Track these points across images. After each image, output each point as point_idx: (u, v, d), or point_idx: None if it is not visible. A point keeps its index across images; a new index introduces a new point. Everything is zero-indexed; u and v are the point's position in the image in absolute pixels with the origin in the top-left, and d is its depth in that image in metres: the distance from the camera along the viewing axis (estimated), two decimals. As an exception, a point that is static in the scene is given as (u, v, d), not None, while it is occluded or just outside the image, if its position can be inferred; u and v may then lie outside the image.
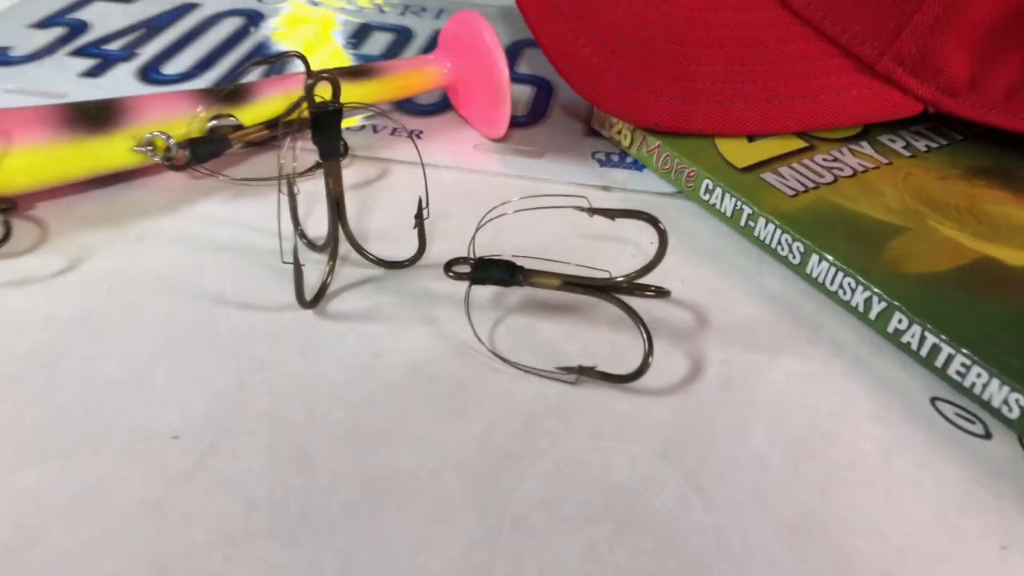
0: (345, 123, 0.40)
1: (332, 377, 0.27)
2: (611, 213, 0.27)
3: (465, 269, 0.29)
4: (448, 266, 0.29)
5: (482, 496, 0.24)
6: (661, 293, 0.28)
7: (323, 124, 0.28)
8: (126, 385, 0.26)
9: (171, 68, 0.44)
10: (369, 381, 0.27)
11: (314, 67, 0.34)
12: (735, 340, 0.29)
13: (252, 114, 0.36)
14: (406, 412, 0.26)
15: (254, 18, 0.50)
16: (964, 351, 0.27)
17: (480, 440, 0.25)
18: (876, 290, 0.29)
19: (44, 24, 0.48)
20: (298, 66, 0.44)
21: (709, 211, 0.35)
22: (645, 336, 0.27)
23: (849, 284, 0.30)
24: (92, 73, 0.44)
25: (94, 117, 0.33)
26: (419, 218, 0.31)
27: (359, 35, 0.49)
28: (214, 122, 0.35)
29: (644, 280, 0.28)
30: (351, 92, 0.38)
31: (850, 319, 0.30)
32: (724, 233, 0.35)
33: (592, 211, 0.27)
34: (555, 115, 0.42)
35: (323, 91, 0.27)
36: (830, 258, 0.30)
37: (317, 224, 0.33)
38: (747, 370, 0.28)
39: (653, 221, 0.26)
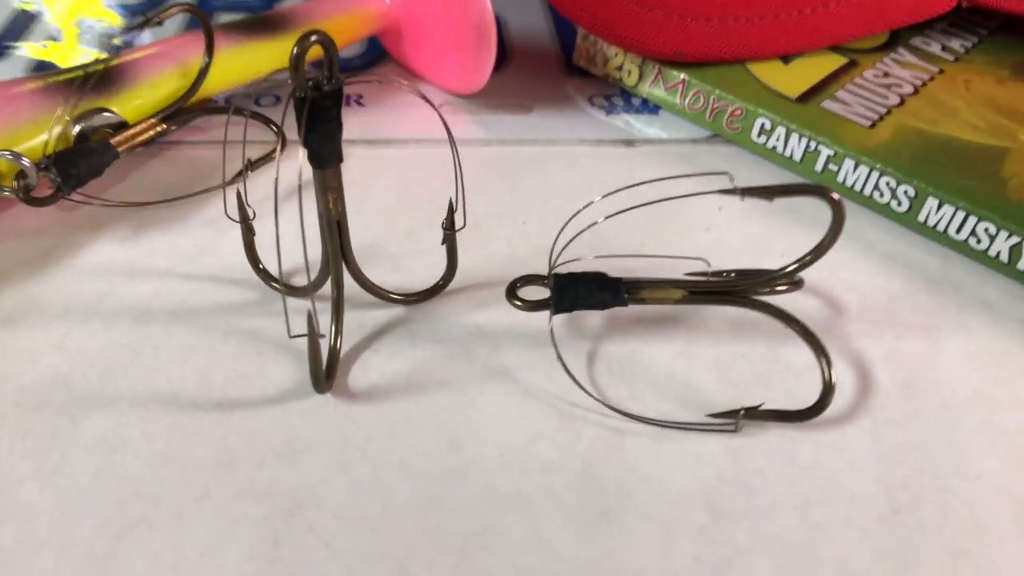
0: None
1: (407, 497, 0.18)
2: (769, 192, 0.19)
3: (536, 293, 0.20)
4: (512, 290, 0.21)
5: (716, 651, 0.16)
6: (794, 285, 0.21)
7: (320, 114, 0.17)
8: (85, 596, 0.16)
9: (-39, 44, 0.31)
10: (463, 493, 0.18)
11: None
12: (881, 325, 0.23)
13: (137, 103, 0.24)
14: (538, 532, 0.18)
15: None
16: None
17: (662, 554, 0.17)
18: (1027, 233, 0.23)
19: None
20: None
21: (766, 157, 0.28)
22: (819, 351, 0.20)
23: (987, 231, 0.24)
24: None
25: None
26: (449, 230, 0.21)
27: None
28: (83, 124, 0.23)
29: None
30: (264, 52, 0.27)
31: (988, 272, 0.25)
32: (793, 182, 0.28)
33: (744, 192, 0.19)
34: (518, 54, 0.33)
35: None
36: (954, 200, 0.24)
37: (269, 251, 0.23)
38: (918, 363, 0.22)
39: (823, 193, 0.19)
